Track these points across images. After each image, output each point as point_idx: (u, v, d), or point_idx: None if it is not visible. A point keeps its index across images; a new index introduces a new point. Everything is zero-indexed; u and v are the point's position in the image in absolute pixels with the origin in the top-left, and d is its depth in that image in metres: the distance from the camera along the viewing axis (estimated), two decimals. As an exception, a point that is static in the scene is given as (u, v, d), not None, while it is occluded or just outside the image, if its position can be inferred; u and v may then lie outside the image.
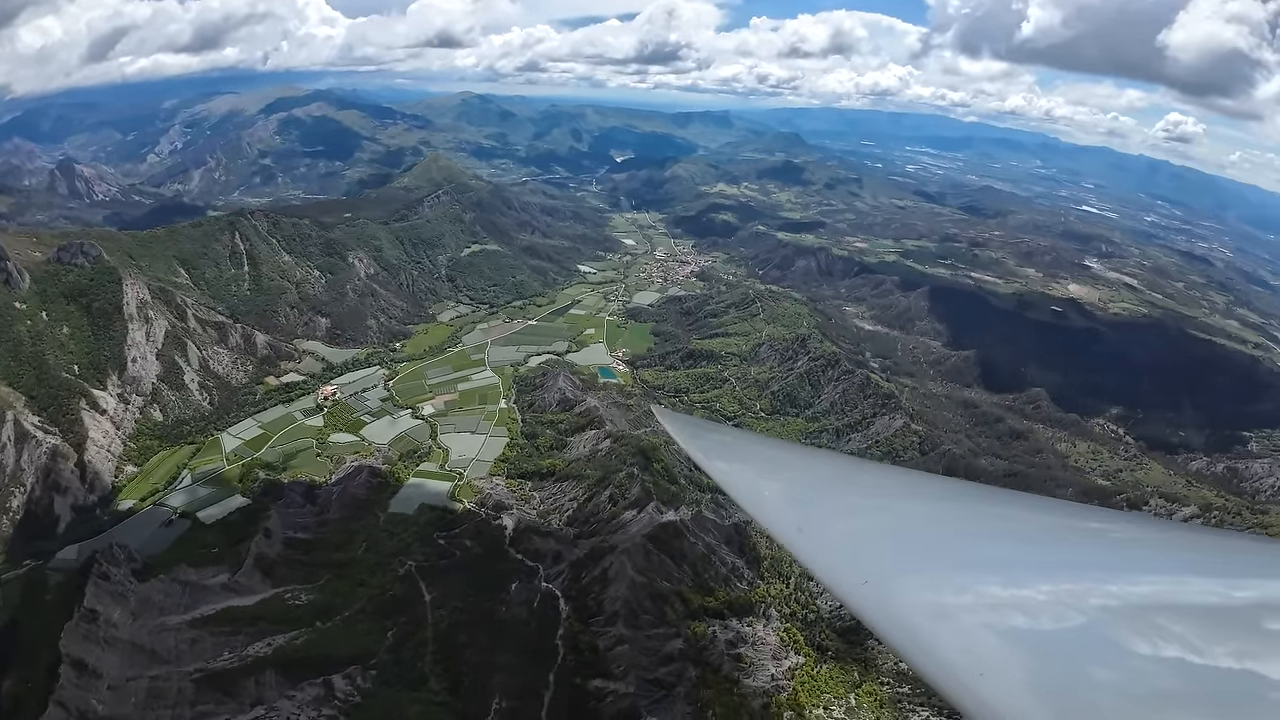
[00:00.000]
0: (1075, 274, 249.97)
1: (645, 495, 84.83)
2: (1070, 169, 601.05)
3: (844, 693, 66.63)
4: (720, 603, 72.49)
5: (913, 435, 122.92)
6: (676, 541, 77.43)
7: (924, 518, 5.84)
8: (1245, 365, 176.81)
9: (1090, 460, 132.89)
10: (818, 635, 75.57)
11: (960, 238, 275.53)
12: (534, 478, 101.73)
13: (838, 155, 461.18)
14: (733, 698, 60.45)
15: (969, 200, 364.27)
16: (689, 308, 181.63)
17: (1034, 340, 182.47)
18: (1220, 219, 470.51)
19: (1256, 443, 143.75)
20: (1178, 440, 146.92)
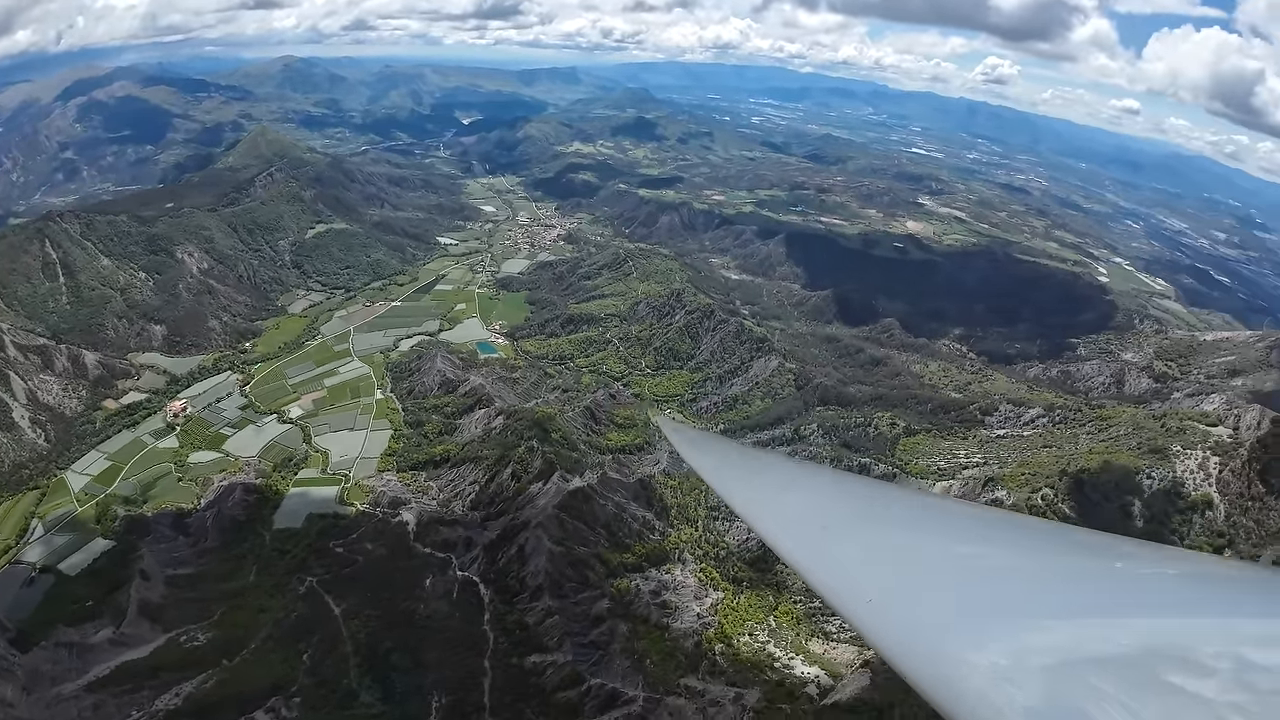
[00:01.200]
0: (911, 211, 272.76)
1: (548, 467, 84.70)
2: (899, 114, 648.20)
3: (763, 617, 71.98)
4: (638, 557, 74.90)
5: (788, 374, 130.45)
6: (587, 506, 78.51)
7: (931, 538, 5.87)
8: (1067, 281, 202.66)
9: (942, 377, 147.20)
10: (731, 570, 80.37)
11: (808, 185, 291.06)
12: (428, 467, 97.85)
13: (687, 109, 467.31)
14: (665, 643, 63.35)
15: (812, 149, 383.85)
16: (561, 272, 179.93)
17: (881, 275, 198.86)
18: (1035, 152, 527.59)
19: (1084, 348, 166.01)
20: (1015, 352, 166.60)
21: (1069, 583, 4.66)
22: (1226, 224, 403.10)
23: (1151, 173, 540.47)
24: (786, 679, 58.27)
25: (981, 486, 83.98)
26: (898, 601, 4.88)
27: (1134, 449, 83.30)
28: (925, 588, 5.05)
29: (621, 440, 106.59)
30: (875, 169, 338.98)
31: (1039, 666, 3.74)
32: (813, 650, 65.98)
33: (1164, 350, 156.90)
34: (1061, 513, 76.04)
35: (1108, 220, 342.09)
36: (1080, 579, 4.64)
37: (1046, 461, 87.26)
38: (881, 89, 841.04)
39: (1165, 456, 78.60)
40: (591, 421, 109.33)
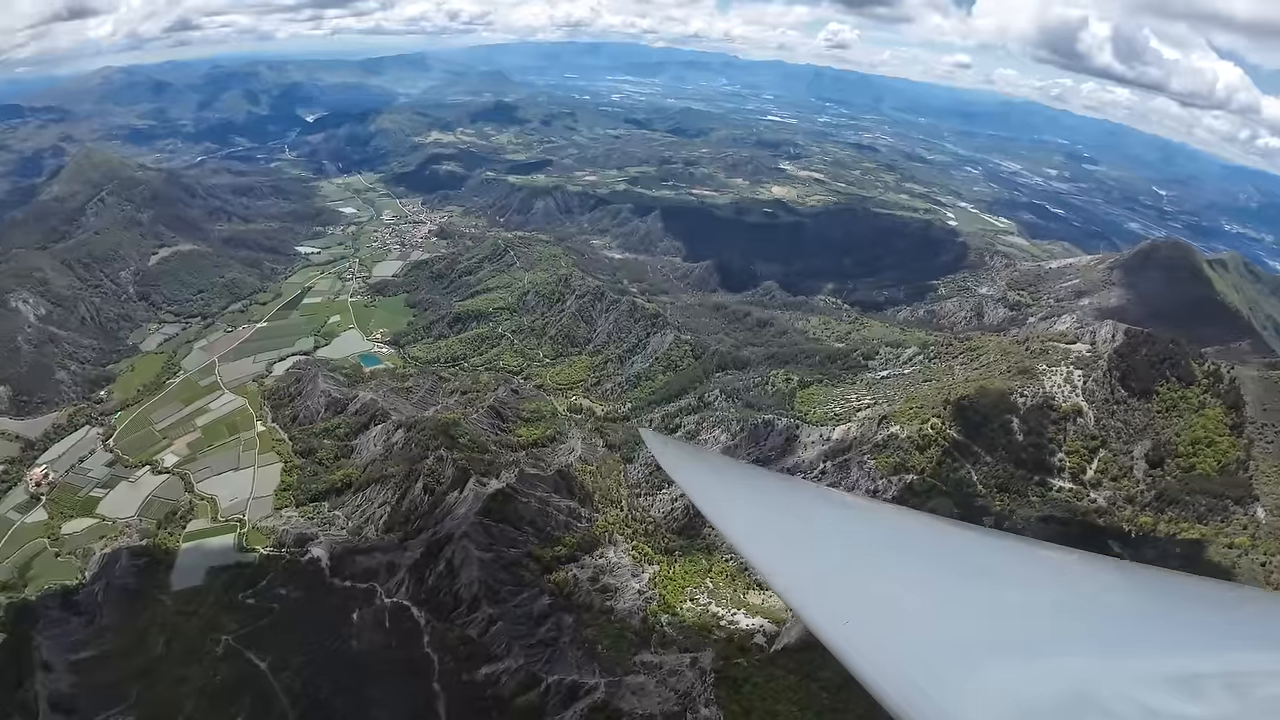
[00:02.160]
0: (775, 177, 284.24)
1: (462, 474, 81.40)
2: (751, 83, 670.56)
3: (700, 580, 73.54)
4: (570, 548, 73.89)
5: (684, 345, 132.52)
6: (509, 507, 76.29)
7: (913, 560, 5.85)
8: (921, 228, 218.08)
9: (824, 330, 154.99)
10: (661, 541, 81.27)
11: (675, 159, 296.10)
12: (329, 496, 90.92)
13: (546, 90, 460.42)
14: (612, 626, 63.09)
15: (674, 123, 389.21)
16: (439, 270, 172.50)
17: (755, 240, 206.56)
18: (879, 111, 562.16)
19: (944, 287, 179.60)
20: (884, 299, 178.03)
21: (1058, 611, 4.52)
22: (1057, 161, 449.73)
23: (985, 121, 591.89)
24: (734, 634, 59.95)
25: (876, 425, 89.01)
26: (874, 625, 4.78)
27: (1005, 373, 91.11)
28: (904, 613, 4.96)
29: (532, 434, 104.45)
30: (736, 139, 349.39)
31: (1019, 697, 3.62)
32: (752, 602, 68.17)
33: (1015, 281, 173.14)
34: (949, 437, 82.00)
35: (950, 169, 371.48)
36: (1070, 606, 4.54)
37: (930, 394, 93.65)
38: (732, 60, 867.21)
39: (1033, 376, 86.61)
40: (498, 420, 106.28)
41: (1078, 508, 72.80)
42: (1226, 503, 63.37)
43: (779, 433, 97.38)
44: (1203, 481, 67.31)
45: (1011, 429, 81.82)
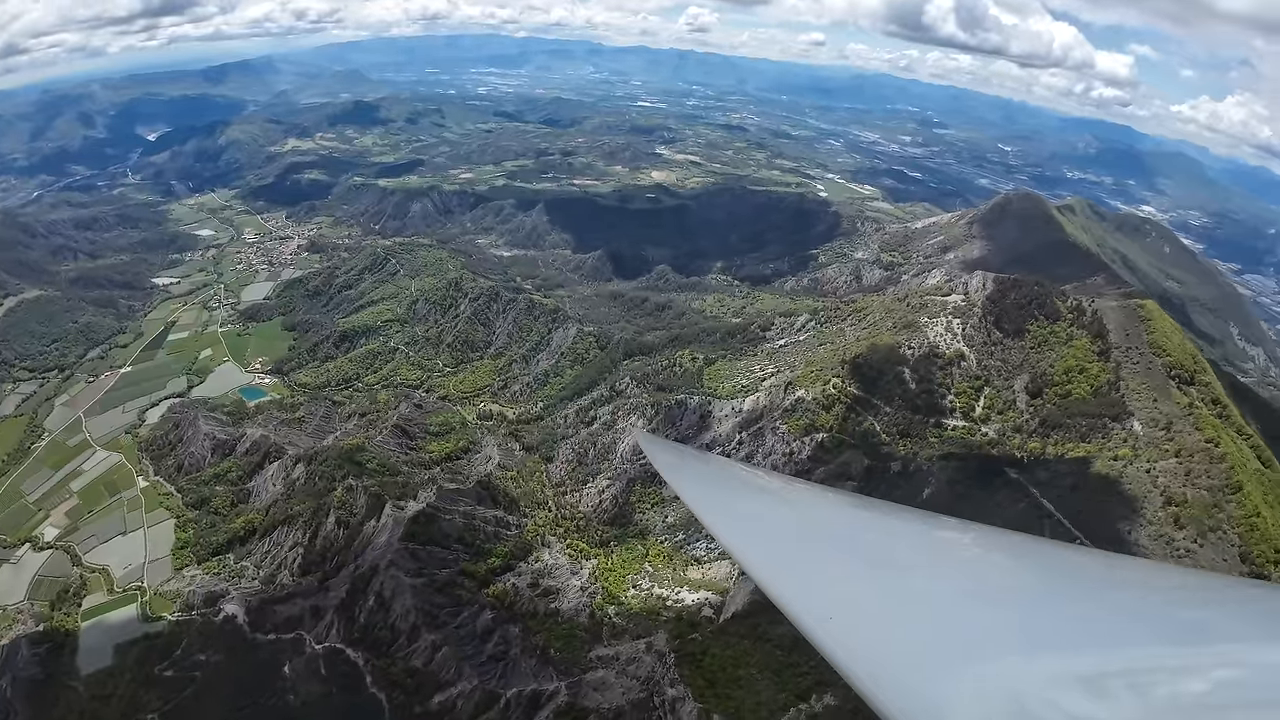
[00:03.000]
0: (652, 162, 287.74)
1: (376, 500, 76.80)
2: (618, 70, 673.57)
3: (639, 565, 73.73)
4: (503, 558, 71.78)
5: (588, 337, 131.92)
6: (433, 527, 72.89)
7: (901, 555, 5.95)
8: (796, 202, 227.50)
9: (719, 308, 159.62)
10: (594, 534, 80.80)
11: (552, 150, 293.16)
12: (233, 546, 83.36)
13: (407, 87, 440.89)
14: (561, 627, 61.89)
15: (546, 114, 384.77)
16: (315, 287, 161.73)
17: (642, 226, 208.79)
18: (743, 92, 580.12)
19: (823, 256, 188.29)
20: (770, 271, 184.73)
21: (1049, 605, 4.57)
22: (910, 128, 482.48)
23: (842, 95, 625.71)
24: (683, 612, 60.45)
25: (783, 391, 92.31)
26: (860, 621, 4.83)
27: (891, 329, 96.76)
28: (888, 608, 4.99)
29: (444, 448, 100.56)
30: (610, 126, 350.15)
31: (1006, 692, 3.62)
32: (692, 578, 69.17)
33: (886, 244, 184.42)
34: (850, 394, 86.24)
35: (814, 143, 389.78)
36: (1063, 600, 4.56)
37: (826, 356, 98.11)
38: (597, 47, 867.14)
39: (917, 328, 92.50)
40: (405, 439, 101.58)
41: (972, 443, 78.51)
42: (1104, 421, 70.41)
43: (693, 411, 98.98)
44: (1080, 405, 74.48)
45: (904, 379, 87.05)
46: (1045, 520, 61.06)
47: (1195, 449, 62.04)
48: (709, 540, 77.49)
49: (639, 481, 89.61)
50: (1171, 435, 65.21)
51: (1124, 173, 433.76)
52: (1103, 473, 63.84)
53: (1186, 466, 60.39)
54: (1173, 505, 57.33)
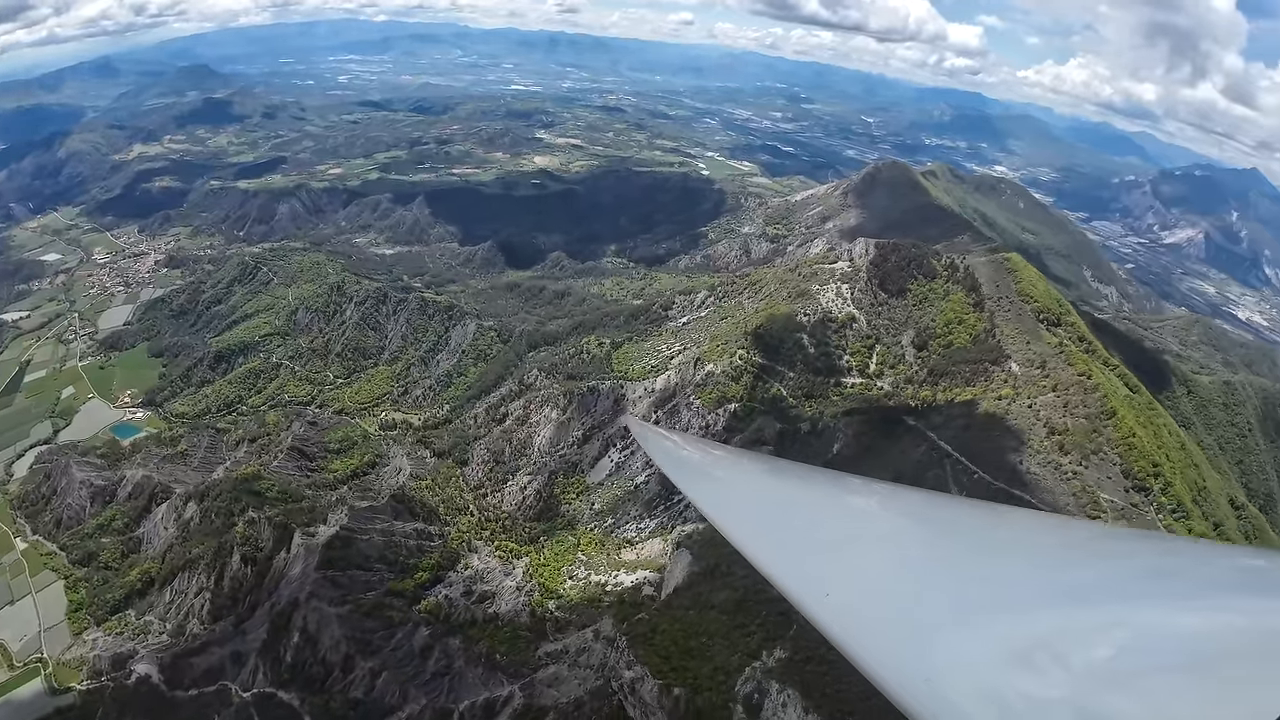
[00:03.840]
0: (534, 147, 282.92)
1: (282, 531, 71.33)
2: (488, 53, 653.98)
3: (572, 556, 73.06)
4: (430, 570, 68.97)
5: (489, 332, 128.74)
6: (351, 550, 68.71)
7: (895, 530, 6.05)
8: (680, 181, 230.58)
9: (619, 291, 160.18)
10: (521, 532, 79.35)
11: (426, 139, 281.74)
12: (133, 601, 75.35)
13: (261, 80, 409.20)
14: (503, 631, 60.20)
15: (415, 101, 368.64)
16: (181, 306, 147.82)
17: (530, 213, 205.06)
18: (617, 72, 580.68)
19: (713, 233, 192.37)
20: (664, 251, 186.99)
21: (1044, 574, 4.73)
22: (779, 104, 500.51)
23: (713, 73, 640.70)
24: (624, 595, 60.33)
25: (693, 367, 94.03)
26: (857, 596, 4.93)
27: (786, 298, 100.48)
28: (887, 582, 5.11)
29: (348, 465, 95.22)
30: (485, 111, 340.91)
31: (1004, 663, 3.74)
32: (627, 560, 69.39)
33: (770, 217, 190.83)
34: (756, 363, 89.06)
35: (691, 122, 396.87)
36: (1056, 569, 4.73)
37: (729, 329, 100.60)
38: (464, 30, 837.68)
39: (810, 296, 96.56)
40: (304, 460, 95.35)
41: (870, 397, 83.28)
42: (985, 365, 76.52)
43: (606, 396, 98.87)
44: (962, 353, 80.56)
45: (804, 345, 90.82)
46: (945, 460, 65.72)
47: (1069, 383, 68.73)
48: (638, 521, 78.23)
49: (560, 473, 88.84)
50: (1047, 372, 71.86)
51: (977, 136, 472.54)
52: (990, 411, 69.39)
53: (1064, 399, 66.83)
54: (1056, 434, 63.32)
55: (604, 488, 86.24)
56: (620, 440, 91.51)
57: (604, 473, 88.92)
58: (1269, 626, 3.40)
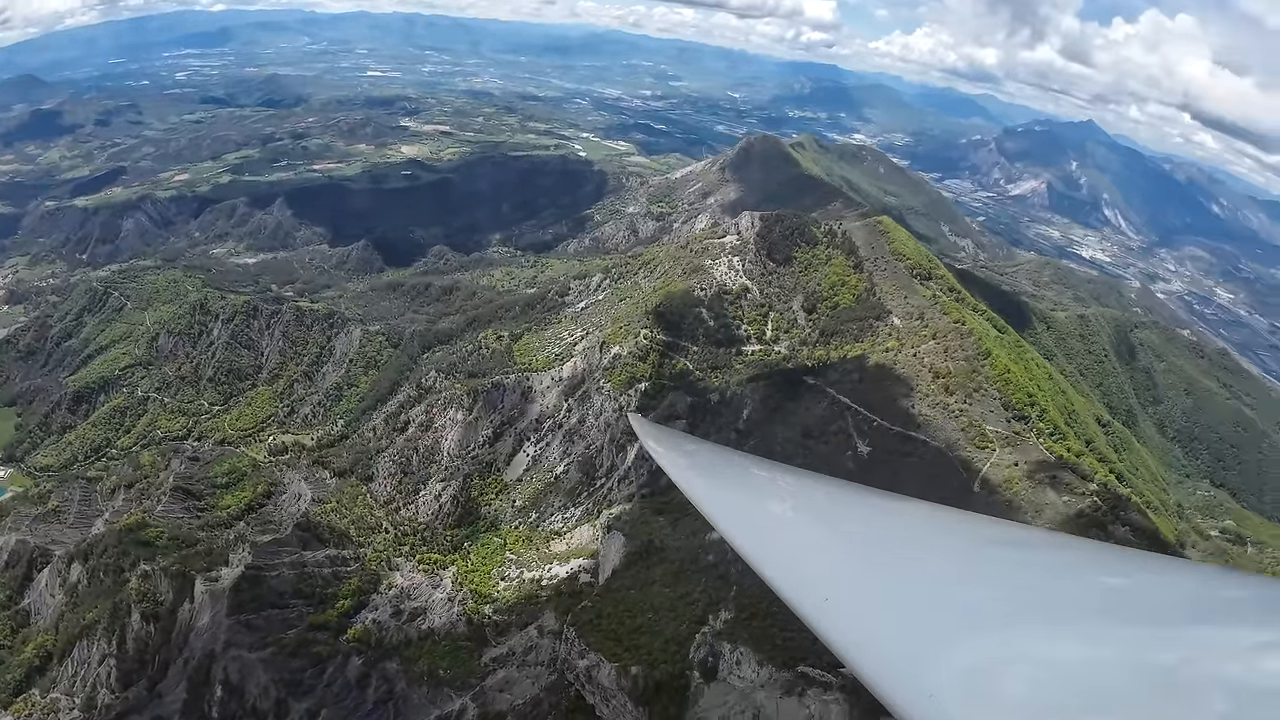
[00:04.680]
0: (399, 136, 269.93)
1: (181, 580, 65.07)
2: (339, 39, 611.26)
3: (500, 556, 71.85)
4: (351, 596, 65.52)
5: (377, 337, 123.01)
6: (261, 589, 63.69)
7: (893, 539, 6.07)
8: (559, 164, 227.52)
9: (510, 281, 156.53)
10: (442, 541, 77.07)
11: (280, 135, 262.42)
12: (35, 678, 67.11)
13: (91, 84, 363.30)
14: (441, 645, 58.29)
15: (263, 95, 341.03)
16: (28, 346, 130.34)
17: (404, 207, 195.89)
18: (480, 54, 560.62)
19: (598, 215, 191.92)
20: (551, 237, 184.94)
21: (1040, 591, 4.70)
22: (648, 82, 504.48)
23: (579, 53, 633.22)
24: (561, 586, 60.14)
25: (599, 351, 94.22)
26: (855, 601, 4.96)
27: (681, 275, 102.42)
28: (886, 589, 5.12)
29: (241, 499, 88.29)
30: (342, 101, 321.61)
31: (998, 674, 3.84)
32: (558, 551, 69.16)
33: (653, 196, 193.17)
34: (660, 341, 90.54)
35: (562, 103, 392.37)
36: (1054, 587, 4.71)
37: (630, 311, 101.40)
38: (311, 15, 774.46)
39: (704, 271, 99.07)
40: (191, 500, 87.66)
41: (770, 362, 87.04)
42: (870, 322, 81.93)
43: (512, 390, 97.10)
44: (848, 312, 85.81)
45: (704, 318, 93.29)
46: (846, 412, 70.10)
47: (946, 330, 74.91)
48: (563, 511, 78.08)
49: (475, 475, 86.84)
50: (925, 323, 77.88)
51: (836, 107, 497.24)
52: (879, 363, 74.58)
53: (943, 345, 72.81)
54: (940, 378, 69.04)
55: (523, 483, 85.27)
56: (534, 433, 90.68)
57: (521, 468, 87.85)
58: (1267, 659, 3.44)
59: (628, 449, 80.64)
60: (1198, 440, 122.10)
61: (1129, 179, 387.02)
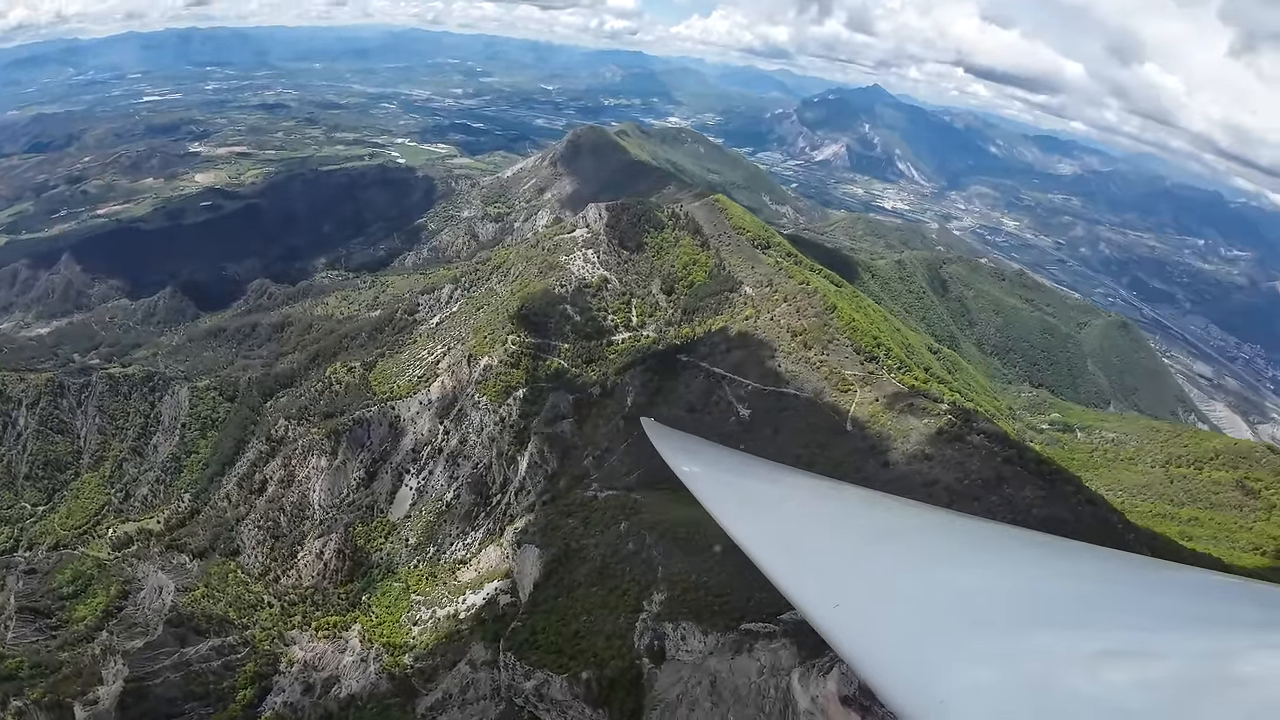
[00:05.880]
0: (191, 164, 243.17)
1: (58, 711, 55.47)
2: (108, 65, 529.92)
3: (406, 601, 67.83)
4: (249, 683, 59.07)
5: (208, 394, 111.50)
6: (148, 702, 55.49)
7: (903, 545, 5.96)
8: (378, 174, 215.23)
9: (349, 307, 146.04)
10: (336, 601, 71.70)
11: (54, 181, 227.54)
12: None
13: None
14: (367, 710, 53.60)
15: (29, 139, 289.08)
16: None
17: (210, 242, 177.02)
18: (270, 65, 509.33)
19: (432, 223, 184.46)
20: (385, 253, 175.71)
21: (1050, 597, 4.68)
22: (457, 80, 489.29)
23: (379, 55, 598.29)
24: (482, 614, 57.76)
25: (467, 365, 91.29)
26: (865, 608, 4.92)
27: (537, 275, 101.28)
28: (896, 596, 5.09)
29: (95, 605, 77.07)
30: (120, 134, 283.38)
31: (1008, 681, 3.83)
32: (468, 579, 66.30)
33: (487, 197, 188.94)
34: (529, 344, 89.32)
35: (368, 109, 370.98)
36: (1064, 594, 4.70)
37: (491, 318, 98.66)
38: (74, 44, 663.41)
39: (560, 267, 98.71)
40: (40, 619, 75.54)
41: (641, 346, 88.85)
42: (725, 294, 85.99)
43: (378, 423, 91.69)
44: (704, 288, 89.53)
45: (569, 314, 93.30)
46: (722, 380, 73.53)
47: (794, 292, 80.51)
48: (463, 538, 75.28)
49: (357, 522, 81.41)
50: (774, 288, 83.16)
51: (648, 93, 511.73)
52: (742, 331, 78.81)
53: (795, 306, 78.26)
54: (797, 335, 74.25)
55: (412, 519, 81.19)
56: (412, 464, 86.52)
57: (406, 504, 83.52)
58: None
59: (518, 459, 79.32)
60: (1013, 351, 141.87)
61: (916, 133, 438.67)
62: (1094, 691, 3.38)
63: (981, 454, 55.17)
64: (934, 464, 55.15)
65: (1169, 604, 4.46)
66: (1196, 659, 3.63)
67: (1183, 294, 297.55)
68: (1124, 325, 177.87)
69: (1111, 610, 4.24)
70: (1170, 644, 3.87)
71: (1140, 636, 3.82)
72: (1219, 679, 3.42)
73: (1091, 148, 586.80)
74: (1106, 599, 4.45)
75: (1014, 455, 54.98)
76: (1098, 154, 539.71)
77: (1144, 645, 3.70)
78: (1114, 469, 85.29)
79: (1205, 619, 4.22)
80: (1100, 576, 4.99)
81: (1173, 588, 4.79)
